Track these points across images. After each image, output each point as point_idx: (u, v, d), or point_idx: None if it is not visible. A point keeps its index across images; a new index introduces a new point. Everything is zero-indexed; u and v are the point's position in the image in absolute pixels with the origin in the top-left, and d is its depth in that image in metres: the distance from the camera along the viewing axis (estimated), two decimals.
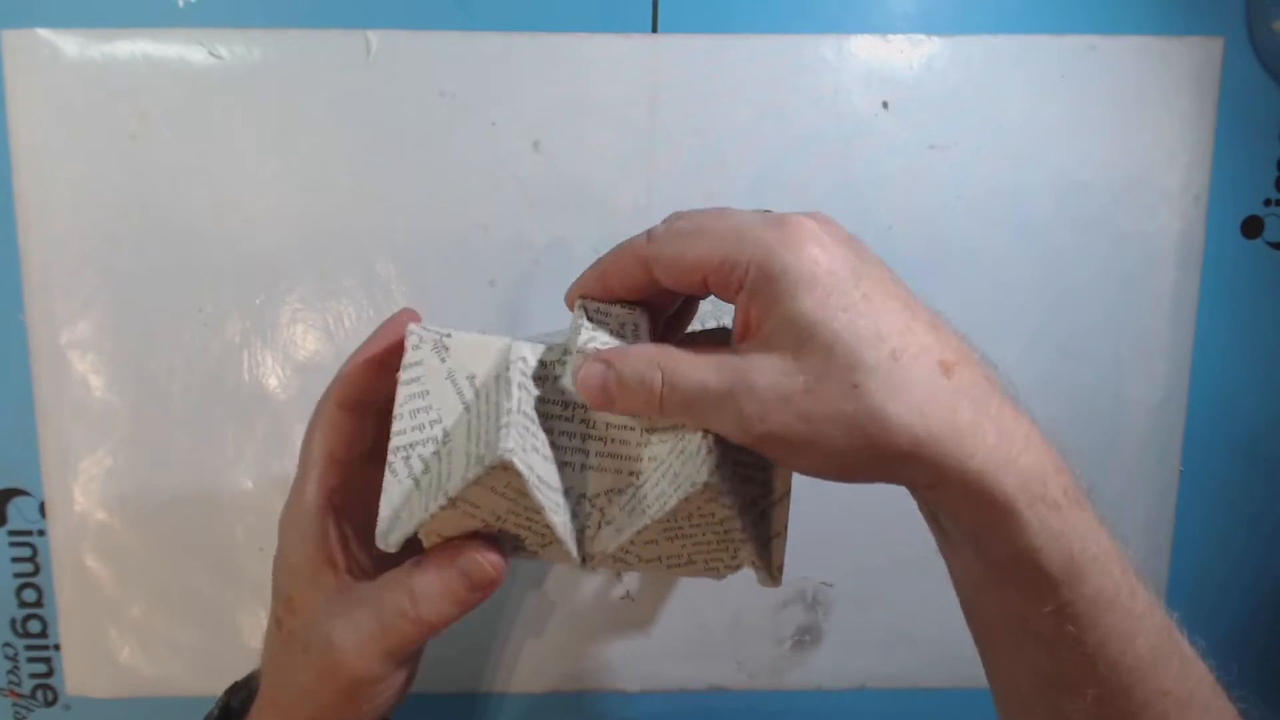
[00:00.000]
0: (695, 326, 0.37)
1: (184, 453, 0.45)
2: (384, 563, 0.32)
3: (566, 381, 0.31)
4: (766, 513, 0.31)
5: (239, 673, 0.39)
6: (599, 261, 0.32)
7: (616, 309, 0.32)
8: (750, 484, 0.31)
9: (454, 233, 0.45)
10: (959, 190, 0.45)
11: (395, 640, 0.31)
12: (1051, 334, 0.47)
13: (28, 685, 0.48)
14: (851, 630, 0.49)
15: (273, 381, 0.45)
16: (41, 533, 0.46)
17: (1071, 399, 0.47)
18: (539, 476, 0.29)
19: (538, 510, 0.29)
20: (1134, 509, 0.48)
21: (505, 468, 0.27)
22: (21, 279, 0.44)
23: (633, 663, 0.48)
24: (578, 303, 0.32)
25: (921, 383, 0.26)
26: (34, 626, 0.47)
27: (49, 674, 0.48)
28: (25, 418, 0.45)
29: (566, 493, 0.30)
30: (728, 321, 0.37)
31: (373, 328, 0.45)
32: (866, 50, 0.44)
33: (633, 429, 0.31)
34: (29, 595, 0.47)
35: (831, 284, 0.27)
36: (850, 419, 0.25)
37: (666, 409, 0.28)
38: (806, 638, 0.49)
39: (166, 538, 0.46)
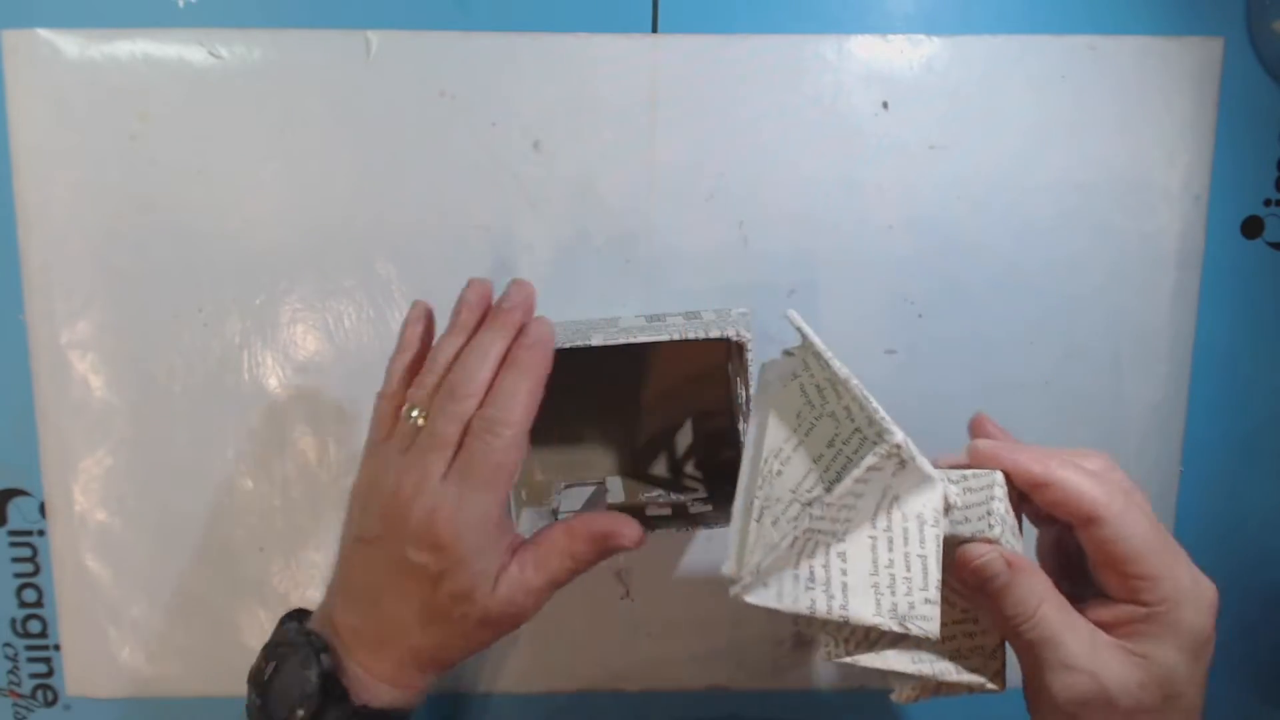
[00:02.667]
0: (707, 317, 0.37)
1: (184, 453, 0.45)
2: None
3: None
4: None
5: (238, 673, 0.38)
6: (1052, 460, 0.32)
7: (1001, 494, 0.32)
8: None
9: (454, 233, 0.45)
10: (959, 190, 0.45)
11: (537, 601, 0.36)
12: (1052, 334, 0.47)
13: (28, 685, 0.48)
14: None
15: (273, 381, 0.45)
16: (41, 533, 0.46)
17: (1071, 399, 0.47)
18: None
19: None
20: None
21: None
22: (21, 279, 0.44)
23: (633, 663, 0.48)
24: (999, 477, 0.32)
25: None
26: (34, 626, 0.47)
27: (49, 674, 0.48)
28: (25, 418, 0.45)
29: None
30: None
31: (373, 328, 0.45)
32: (866, 50, 0.44)
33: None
34: (29, 595, 0.47)
35: (1202, 661, 0.31)
36: None
37: (1008, 626, 0.31)
38: (806, 638, 0.49)
39: (166, 538, 0.46)
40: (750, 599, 0.30)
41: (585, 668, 0.48)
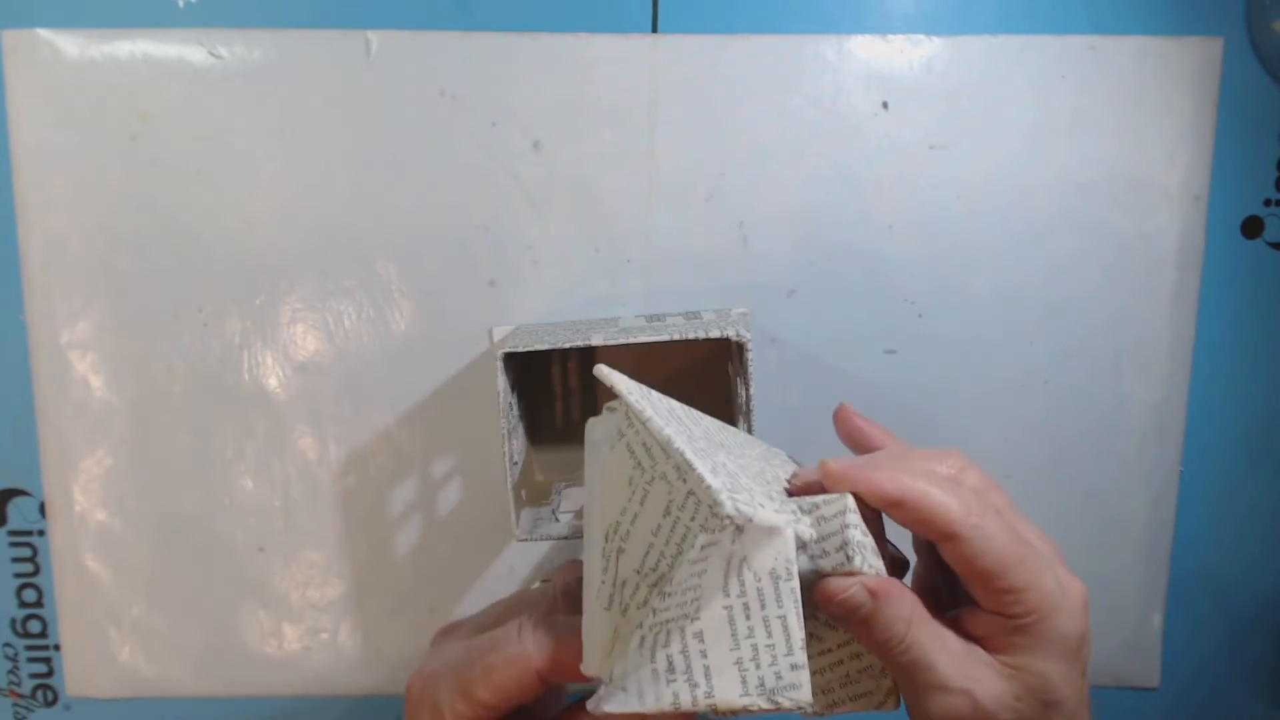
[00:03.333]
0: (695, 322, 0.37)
1: (184, 453, 0.46)
2: None
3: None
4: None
5: (238, 673, 0.38)
6: (893, 475, 0.30)
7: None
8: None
9: (454, 233, 0.45)
10: (959, 190, 0.45)
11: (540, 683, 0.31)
12: (1052, 334, 0.47)
13: (28, 685, 0.48)
14: None
15: (273, 381, 0.45)
16: (41, 533, 0.46)
17: (1071, 399, 0.47)
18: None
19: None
20: (1134, 509, 0.48)
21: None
22: (21, 279, 0.44)
23: None
24: (850, 501, 0.29)
25: None
26: (34, 626, 0.47)
27: (49, 674, 0.48)
28: (25, 418, 0.45)
29: None
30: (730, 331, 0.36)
31: (373, 328, 0.45)
32: (866, 50, 0.44)
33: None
34: (29, 595, 0.47)
35: (1079, 663, 0.31)
36: None
37: (881, 651, 0.30)
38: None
39: (166, 538, 0.46)
40: (609, 708, 0.28)
41: None
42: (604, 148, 0.44)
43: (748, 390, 0.38)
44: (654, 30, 0.44)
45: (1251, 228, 0.47)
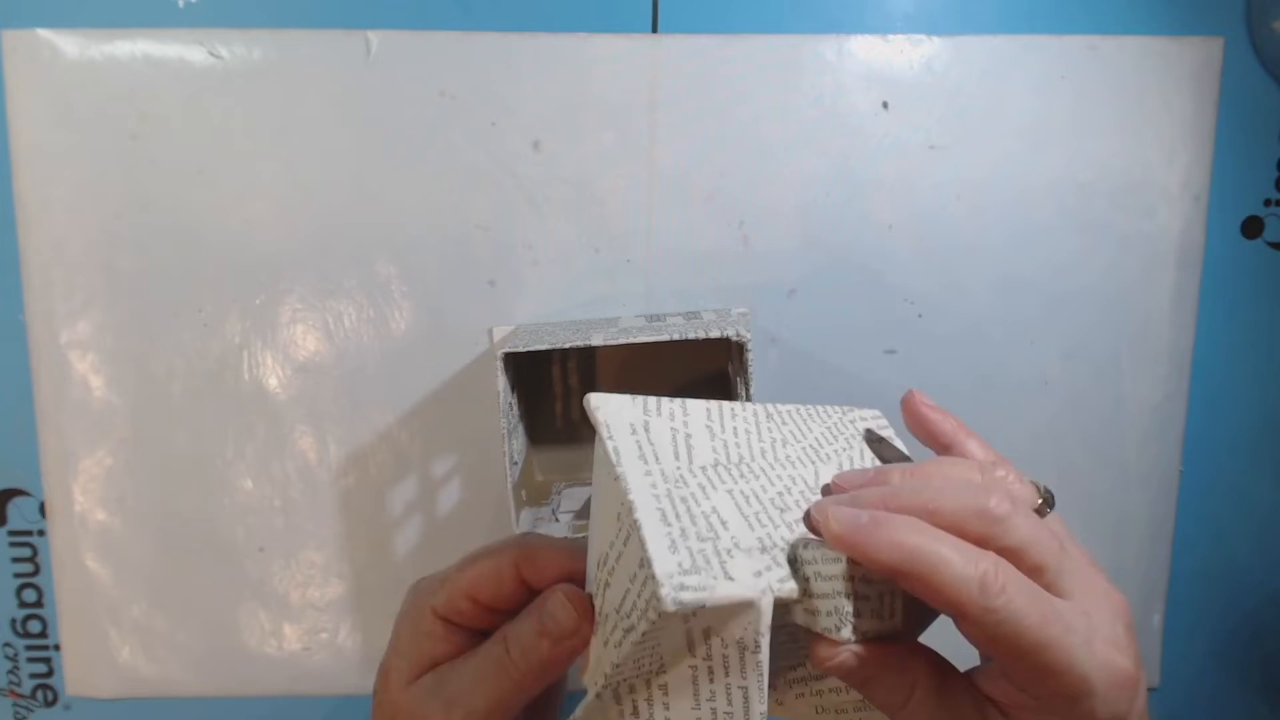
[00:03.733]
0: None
1: (184, 453, 0.45)
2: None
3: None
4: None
5: (238, 673, 0.38)
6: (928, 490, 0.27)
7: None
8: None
9: (454, 233, 0.45)
10: (959, 190, 0.45)
11: (489, 695, 0.30)
12: (1052, 334, 0.47)
13: (28, 685, 0.48)
14: None
15: (273, 381, 0.45)
16: (41, 533, 0.46)
17: (1071, 399, 0.47)
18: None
19: None
20: (1134, 509, 0.48)
21: None
22: (21, 279, 0.44)
23: None
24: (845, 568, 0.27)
25: None
26: (34, 626, 0.47)
27: (49, 674, 0.48)
28: (25, 418, 0.45)
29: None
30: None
31: (373, 328, 0.45)
32: (866, 50, 0.44)
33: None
34: (29, 595, 0.47)
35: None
36: None
37: (887, 712, 0.27)
38: None
39: (166, 538, 0.46)
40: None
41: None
42: (604, 148, 0.44)
43: (748, 390, 0.38)
44: (654, 30, 0.44)
45: (1251, 228, 0.47)
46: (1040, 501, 0.29)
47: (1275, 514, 0.50)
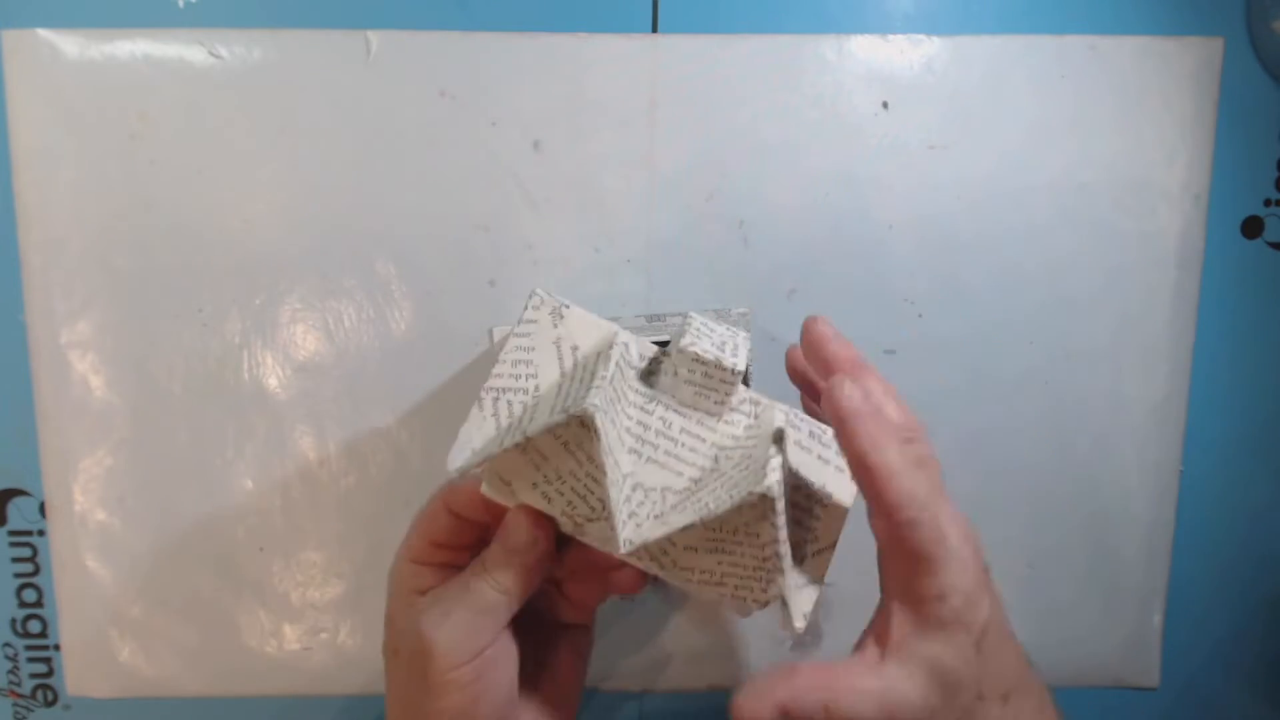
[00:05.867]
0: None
1: (184, 453, 0.45)
2: None
3: (664, 379, 0.33)
4: (806, 559, 0.32)
5: (238, 673, 0.39)
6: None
7: (722, 329, 0.34)
8: (799, 527, 0.32)
9: (454, 233, 0.45)
10: (959, 190, 0.45)
11: (475, 603, 0.34)
12: (1051, 333, 0.47)
13: (28, 685, 0.48)
14: (851, 630, 0.48)
15: (273, 381, 0.45)
16: (41, 533, 0.46)
17: (1071, 399, 0.47)
18: (610, 445, 0.30)
19: (599, 477, 0.30)
20: (1134, 509, 0.48)
21: (584, 423, 0.29)
22: (21, 279, 0.44)
23: (633, 663, 0.48)
24: (691, 316, 0.34)
25: (990, 712, 0.31)
26: (34, 626, 0.47)
27: (49, 674, 0.48)
28: (25, 418, 0.45)
29: (627, 476, 0.32)
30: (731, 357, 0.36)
31: (373, 328, 0.45)
32: (866, 50, 0.44)
33: (704, 440, 0.33)
34: (29, 595, 0.47)
35: (970, 635, 0.31)
36: None
37: None
38: (807, 638, 0.49)
39: (166, 538, 0.46)
40: (457, 464, 0.32)
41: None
42: (604, 148, 0.44)
43: (748, 386, 0.38)
44: (654, 30, 0.44)
45: (1251, 228, 0.47)
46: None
47: (1275, 514, 0.50)
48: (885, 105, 0.45)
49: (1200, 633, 0.50)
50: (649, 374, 0.33)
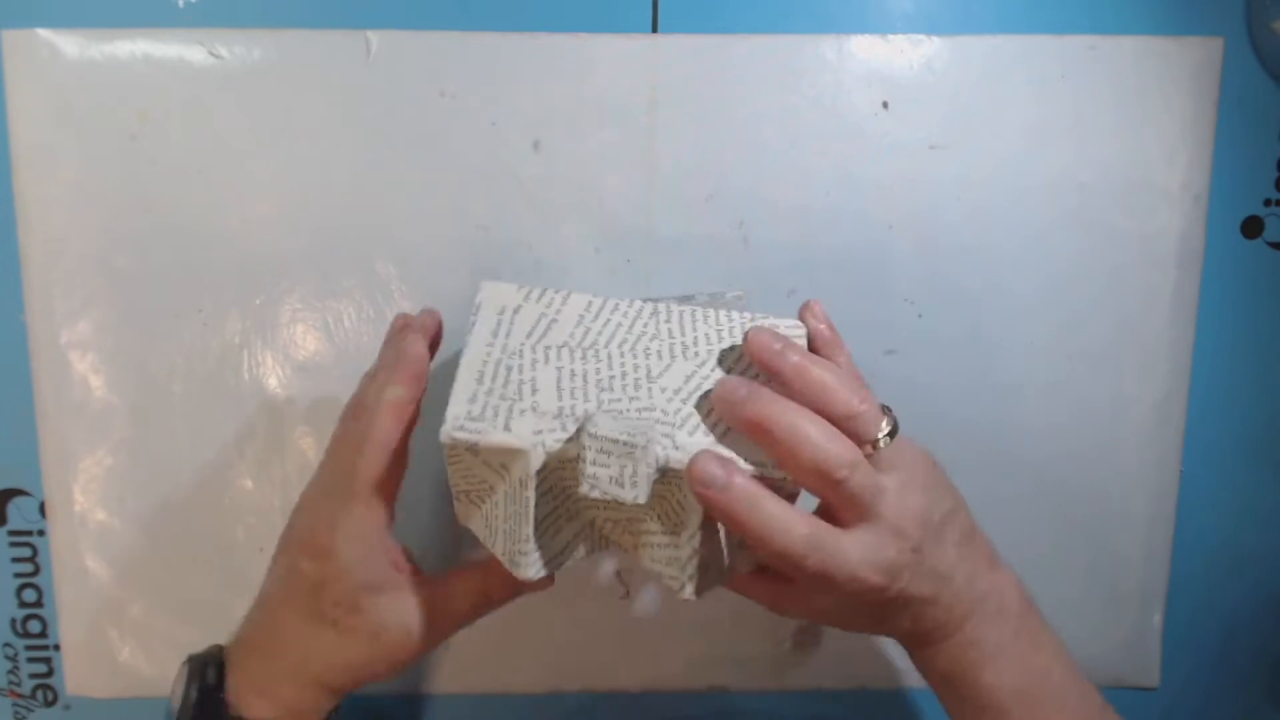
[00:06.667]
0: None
1: (184, 453, 0.45)
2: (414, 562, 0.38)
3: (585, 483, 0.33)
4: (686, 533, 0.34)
5: None
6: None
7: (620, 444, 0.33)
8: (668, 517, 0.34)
9: (454, 233, 0.45)
10: (959, 190, 0.45)
11: (437, 630, 0.37)
12: (1052, 334, 0.47)
13: (28, 685, 0.48)
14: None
15: (273, 381, 0.45)
16: (41, 533, 0.46)
17: (1071, 399, 0.47)
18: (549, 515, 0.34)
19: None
20: (1134, 509, 0.48)
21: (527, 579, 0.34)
22: (21, 279, 0.44)
23: (633, 663, 0.48)
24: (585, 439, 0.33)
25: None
26: (34, 626, 0.47)
27: (49, 674, 0.48)
28: (25, 418, 0.45)
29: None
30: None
31: (373, 328, 0.45)
32: (866, 50, 0.44)
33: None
34: (29, 595, 0.47)
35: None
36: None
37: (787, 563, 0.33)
38: (806, 638, 0.49)
39: (166, 538, 0.46)
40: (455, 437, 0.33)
41: (586, 668, 0.48)
42: (604, 148, 0.44)
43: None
44: (654, 30, 0.44)
45: (1251, 228, 0.47)
46: (889, 429, 0.34)
47: (1275, 514, 0.50)
48: (885, 105, 0.45)
49: (1200, 633, 0.50)
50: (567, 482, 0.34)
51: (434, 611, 0.37)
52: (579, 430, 0.32)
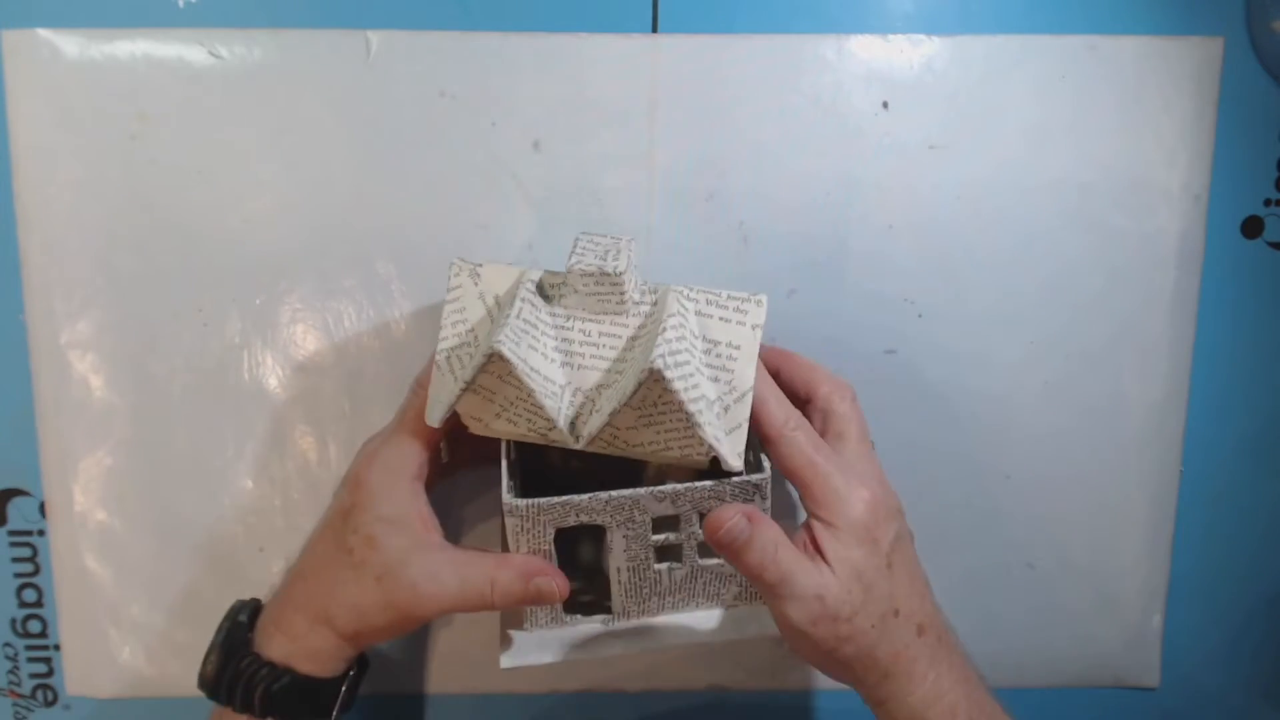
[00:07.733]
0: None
1: (184, 453, 0.46)
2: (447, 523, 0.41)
3: (570, 298, 0.37)
4: (730, 407, 0.37)
5: None
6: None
7: (606, 239, 0.38)
8: (716, 383, 0.37)
9: (454, 233, 0.45)
10: (959, 190, 0.45)
11: (465, 606, 0.38)
12: (1052, 334, 0.47)
13: (28, 685, 0.48)
14: None
15: (273, 381, 0.45)
16: (41, 533, 0.46)
17: (1072, 399, 0.47)
18: (532, 367, 0.36)
19: (531, 394, 0.35)
20: (1134, 509, 0.48)
21: (498, 357, 0.34)
22: (21, 279, 0.44)
23: (633, 663, 0.48)
24: (578, 236, 0.39)
25: (906, 634, 0.38)
26: (34, 626, 0.47)
27: (49, 674, 0.48)
28: (25, 418, 0.45)
29: (565, 386, 0.37)
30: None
31: (373, 328, 0.45)
32: (866, 50, 0.44)
33: (620, 336, 0.37)
34: (29, 595, 0.47)
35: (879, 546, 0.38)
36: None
37: (753, 573, 0.37)
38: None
39: (166, 538, 0.46)
40: (434, 417, 0.37)
41: (586, 668, 0.48)
42: (604, 148, 0.44)
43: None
44: (654, 30, 0.44)
45: (1251, 228, 0.47)
46: None
47: (1275, 514, 0.50)
48: (885, 105, 0.45)
49: (1200, 633, 0.50)
50: (560, 296, 0.38)
51: (443, 577, 0.38)
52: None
